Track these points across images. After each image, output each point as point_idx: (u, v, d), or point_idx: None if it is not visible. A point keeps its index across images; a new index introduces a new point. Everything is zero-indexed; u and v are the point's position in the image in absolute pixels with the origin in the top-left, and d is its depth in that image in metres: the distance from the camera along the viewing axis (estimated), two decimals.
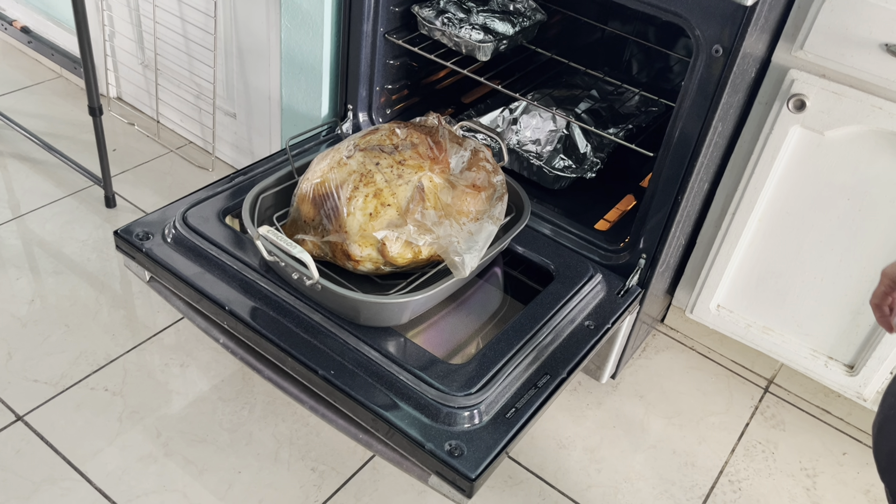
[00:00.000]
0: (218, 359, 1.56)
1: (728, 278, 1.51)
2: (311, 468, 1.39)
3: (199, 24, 1.86)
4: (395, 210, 1.20)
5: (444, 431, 1.08)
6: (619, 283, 1.41)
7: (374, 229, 1.19)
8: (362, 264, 1.22)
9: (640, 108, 1.81)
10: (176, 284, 1.30)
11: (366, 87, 1.66)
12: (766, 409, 1.62)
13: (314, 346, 1.19)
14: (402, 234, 1.19)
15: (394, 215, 1.20)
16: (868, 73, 1.21)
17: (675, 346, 1.74)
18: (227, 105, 1.97)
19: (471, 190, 1.25)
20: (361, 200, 1.20)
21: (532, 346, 1.22)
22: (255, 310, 1.24)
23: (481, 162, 1.30)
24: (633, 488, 1.43)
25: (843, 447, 1.56)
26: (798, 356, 1.49)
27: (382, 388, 1.14)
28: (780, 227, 1.42)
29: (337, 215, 1.20)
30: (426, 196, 1.21)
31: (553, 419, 1.53)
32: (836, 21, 1.20)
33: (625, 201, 1.66)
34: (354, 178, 1.22)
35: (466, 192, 1.25)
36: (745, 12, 1.14)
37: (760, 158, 1.36)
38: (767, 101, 1.34)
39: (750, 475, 1.48)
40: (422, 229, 1.18)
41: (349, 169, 1.23)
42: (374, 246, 1.20)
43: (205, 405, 1.46)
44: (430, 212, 1.20)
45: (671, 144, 1.30)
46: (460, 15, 1.63)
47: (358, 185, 1.21)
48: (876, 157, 1.27)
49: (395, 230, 1.19)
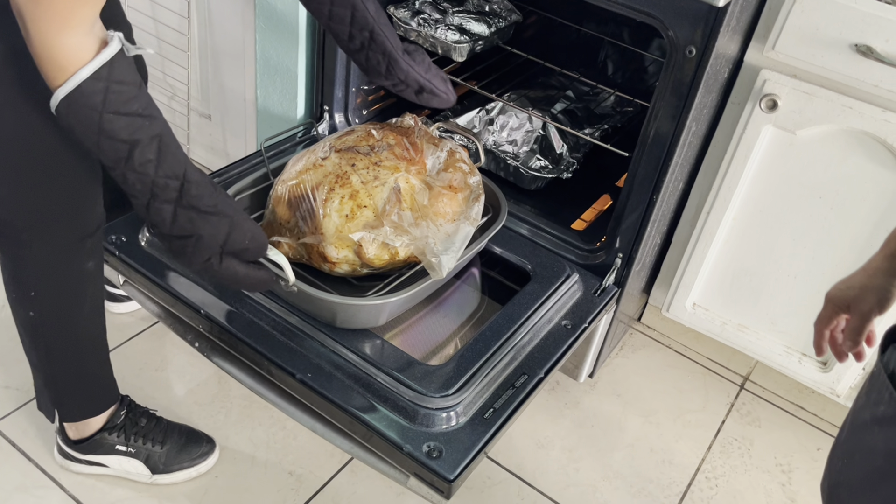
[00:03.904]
0: (193, 363, 1.54)
1: (703, 277, 1.53)
2: (289, 472, 1.38)
3: (173, 24, 1.84)
4: (372, 211, 1.19)
5: (422, 433, 1.08)
6: (596, 282, 1.42)
7: (350, 231, 1.18)
8: (339, 266, 1.22)
9: (615, 108, 1.82)
10: (150, 288, 1.28)
11: (342, 88, 1.66)
12: (742, 405, 1.64)
13: (291, 349, 1.18)
14: (378, 236, 1.18)
15: (370, 217, 1.19)
16: (838, 73, 1.23)
17: (652, 344, 1.75)
18: (201, 107, 1.95)
19: (447, 191, 1.25)
20: (337, 202, 1.19)
21: (509, 346, 1.22)
22: (230, 313, 1.23)
23: (458, 163, 1.30)
24: (612, 487, 1.44)
25: (817, 443, 1.58)
26: (772, 353, 1.51)
27: (360, 391, 1.13)
28: (753, 226, 1.43)
29: (313, 217, 1.20)
30: (403, 197, 1.21)
31: (531, 419, 1.53)
32: (806, 22, 1.22)
33: (601, 201, 1.67)
34: (330, 180, 1.21)
35: (443, 194, 1.24)
36: (716, 13, 1.15)
37: (734, 158, 1.38)
38: (740, 101, 1.36)
39: (726, 472, 1.50)
40: (398, 230, 1.18)
41: (325, 170, 1.22)
42: (351, 248, 1.19)
43: (180, 410, 1.44)
44: (406, 213, 1.20)
45: (646, 144, 1.31)
46: (436, 16, 1.62)
47: (334, 186, 1.20)
48: (847, 156, 1.29)
49: (371, 232, 1.18)
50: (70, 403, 1.24)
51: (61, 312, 1.13)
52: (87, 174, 1.04)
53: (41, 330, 1.14)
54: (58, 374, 1.19)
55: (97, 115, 0.83)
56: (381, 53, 1.18)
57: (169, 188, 0.90)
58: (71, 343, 1.17)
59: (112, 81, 0.83)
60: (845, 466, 0.74)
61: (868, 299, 0.85)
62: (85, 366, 1.21)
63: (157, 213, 0.91)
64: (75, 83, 0.81)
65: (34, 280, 1.08)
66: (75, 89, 0.81)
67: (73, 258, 1.09)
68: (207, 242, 0.93)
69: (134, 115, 0.85)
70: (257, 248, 0.98)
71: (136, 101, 0.85)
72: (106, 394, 1.27)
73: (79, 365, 1.20)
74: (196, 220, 0.92)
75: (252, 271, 1.00)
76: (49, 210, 1.03)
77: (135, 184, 0.89)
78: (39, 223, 1.04)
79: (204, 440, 1.35)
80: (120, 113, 0.84)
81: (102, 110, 0.83)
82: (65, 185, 1.03)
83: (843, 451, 0.75)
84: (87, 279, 1.13)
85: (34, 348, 1.16)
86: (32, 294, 1.09)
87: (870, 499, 0.69)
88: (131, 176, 0.88)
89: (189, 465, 1.32)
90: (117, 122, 0.84)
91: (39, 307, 1.11)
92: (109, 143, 0.85)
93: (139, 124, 0.86)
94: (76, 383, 1.21)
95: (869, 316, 0.85)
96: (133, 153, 0.86)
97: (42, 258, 1.06)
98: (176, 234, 0.93)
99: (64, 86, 0.81)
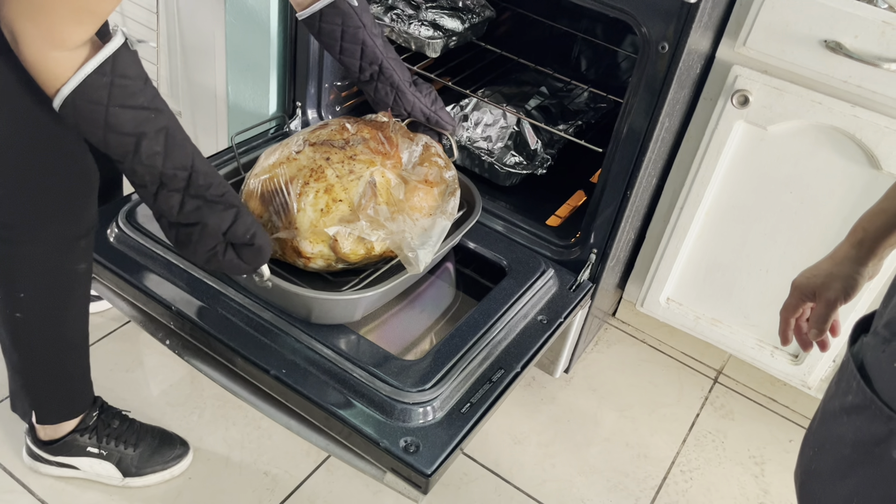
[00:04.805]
0: (166, 363, 1.52)
1: (677, 272, 1.54)
2: (264, 472, 1.36)
3: (141, 19, 1.81)
4: (347, 206, 1.18)
5: (398, 428, 1.07)
6: (571, 278, 1.42)
7: (325, 225, 1.17)
8: (314, 261, 1.20)
9: (589, 104, 1.83)
10: (119, 285, 1.26)
11: (314, 83, 1.64)
12: (716, 399, 1.66)
13: (264, 345, 1.17)
14: (354, 230, 1.17)
15: (345, 211, 1.18)
16: (808, 69, 1.24)
17: (627, 339, 1.76)
18: (171, 103, 1.93)
19: (423, 185, 1.25)
20: (312, 196, 1.18)
21: (486, 341, 1.22)
22: (202, 309, 1.21)
23: (433, 157, 1.29)
24: (588, 481, 1.44)
25: (789, 434, 1.60)
26: (745, 347, 1.53)
27: (335, 386, 1.12)
28: (726, 221, 1.45)
29: (287, 211, 1.18)
30: (378, 191, 1.20)
31: (508, 415, 1.53)
32: (777, 18, 1.23)
33: (575, 197, 1.68)
34: (304, 174, 1.19)
35: (419, 188, 1.24)
36: (688, 9, 1.16)
37: (706, 153, 1.39)
38: (712, 96, 1.37)
39: (701, 465, 1.51)
40: (374, 225, 1.17)
41: (299, 164, 1.21)
42: (326, 242, 1.18)
43: (152, 411, 1.42)
44: (382, 207, 1.19)
45: (619, 140, 1.31)
46: (409, 11, 1.62)
47: (308, 180, 1.19)
48: (816, 151, 1.31)
49: (347, 226, 1.17)
50: (48, 406, 1.22)
51: (49, 314, 1.11)
52: (83, 173, 1.03)
53: (26, 331, 1.11)
54: (38, 377, 1.17)
55: (103, 109, 0.83)
56: (390, 85, 1.28)
57: (177, 178, 0.91)
58: (55, 345, 1.15)
59: (116, 75, 0.82)
60: (816, 455, 0.74)
61: (834, 287, 0.85)
62: (66, 368, 1.19)
63: (164, 202, 0.93)
64: (79, 79, 0.80)
65: (25, 281, 1.06)
66: (80, 85, 0.80)
67: (66, 259, 1.08)
68: (212, 231, 0.95)
69: (139, 109, 0.85)
70: (260, 246, 1.02)
71: (142, 94, 0.86)
72: (84, 397, 1.25)
73: (60, 367, 1.18)
74: (203, 208, 0.94)
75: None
76: (45, 210, 1.02)
77: (143, 175, 0.90)
78: (34, 223, 1.02)
79: (177, 442, 1.33)
80: (126, 106, 0.84)
81: (108, 104, 0.83)
82: (61, 185, 1.01)
83: (814, 440, 0.76)
84: (77, 281, 1.11)
85: (16, 349, 1.14)
86: (21, 295, 1.07)
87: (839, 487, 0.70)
88: (140, 168, 0.89)
89: (162, 468, 1.30)
90: (123, 116, 0.84)
91: (27, 308, 1.09)
92: (116, 137, 0.85)
93: (145, 117, 0.86)
94: (56, 386, 1.19)
95: (834, 304, 0.86)
96: (140, 146, 0.87)
97: (35, 259, 1.05)
98: (183, 221, 0.95)
99: (68, 83, 0.80)
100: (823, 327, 0.87)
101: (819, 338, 0.89)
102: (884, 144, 1.24)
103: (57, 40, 0.78)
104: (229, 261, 1.00)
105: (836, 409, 0.70)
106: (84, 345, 1.20)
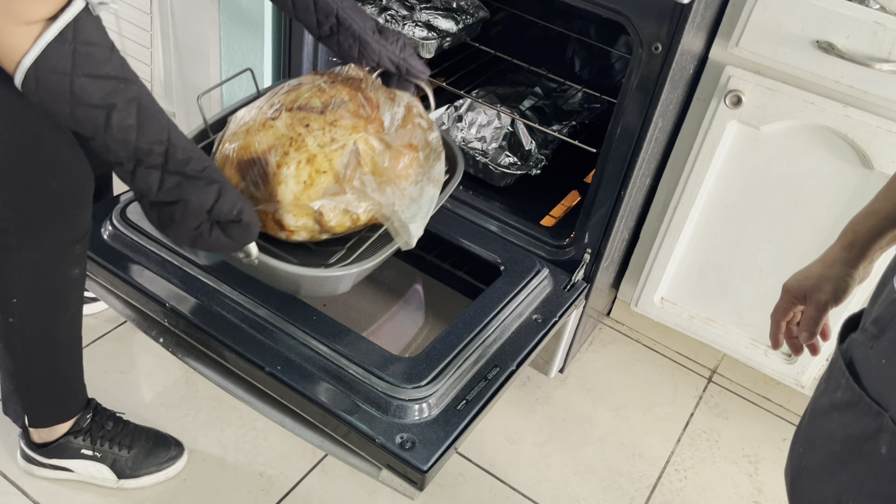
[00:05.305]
0: (160, 364, 1.51)
1: (671, 271, 1.54)
2: (259, 473, 1.36)
3: (135, 20, 1.81)
4: (332, 177, 1.11)
5: (394, 424, 1.07)
6: (566, 278, 1.43)
7: (309, 199, 1.10)
8: (297, 234, 1.13)
9: (582, 104, 1.84)
10: (113, 282, 1.26)
11: None
12: (710, 398, 1.66)
13: (259, 342, 1.16)
14: (340, 203, 1.10)
15: (330, 182, 1.11)
16: (800, 70, 1.25)
17: (621, 339, 1.77)
18: (165, 104, 1.92)
19: (408, 150, 1.16)
20: (294, 167, 1.10)
21: (481, 339, 1.22)
22: (196, 306, 1.21)
23: (416, 118, 1.21)
24: (583, 481, 1.44)
25: (783, 433, 1.61)
26: (739, 346, 1.53)
27: (331, 383, 1.12)
28: (719, 221, 1.45)
29: (266, 183, 1.10)
30: (363, 160, 1.13)
31: (503, 414, 1.54)
32: (769, 19, 1.24)
33: (569, 197, 1.68)
34: (284, 143, 1.10)
35: (403, 153, 1.16)
36: (681, 10, 1.17)
37: (700, 153, 1.39)
38: (705, 97, 1.38)
39: (695, 464, 1.51)
40: (361, 197, 1.10)
41: (277, 132, 1.12)
42: (311, 215, 1.11)
43: (147, 412, 1.42)
44: (369, 178, 1.11)
45: (613, 140, 1.32)
46: (403, 12, 1.62)
47: (288, 150, 1.10)
48: (809, 151, 1.32)
49: (332, 199, 1.10)
50: (41, 409, 1.21)
51: (43, 319, 1.10)
52: (78, 179, 1.02)
53: (19, 336, 1.11)
54: (31, 380, 1.16)
55: (67, 80, 0.78)
56: (352, 37, 1.17)
57: (153, 153, 0.86)
58: (49, 349, 1.14)
59: (79, 42, 0.77)
60: (806, 452, 0.74)
61: (825, 289, 0.85)
62: (60, 372, 1.18)
63: (142, 180, 0.88)
64: (40, 48, 0.75)
65: (20, 286, 1.05)
66: (40, 55, 0.76)
67: (61, 264, 1.07)
68: (195, 208, 0.90)
69: (107, 78, 0.80)
70: (248, 222, 0.96)
71: (109, 63, 0.80)
72: (78, 400, 1.25)
73: (54, 371, 1.17)
74: (184, 184, 0.89)
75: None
76: (40, 215, 1.01)
77: (118, 151, 0.85)
78: (30, 228, 1.01)
79: (172, 444, 1.33)
80: (92, 76, 0.79)
81: (72, 74, 0.78)
82: (56, 190, 1.00)
83: (804, 437, 0.75)
84: (71, 285, 1.10)
85: (9, 354, 1.13)
86: (15, 301, 1.06)
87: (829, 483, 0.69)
88: (113, 144, 0.84)
89: (156, 470, 1.30)
90: (90, 87, 0.79)
91: (20, 313, 1.08)
92: (84, 110, 0.80)
93: (113, 87, 0.81)
94: (49, 389, 1.19)
95: (825, 307, 0.85)
96: (111, 119, 0.82)
97: (30, 264, 1.04)
98: (163, 199, 0.90)
99: (28, 54, 0.75)
100: (814, 330, 0.86)
101: (809, 341, 0.88)
102: (875, 144, 1.25)
103: (14, 14, 0.73)
104: (216, 240, 0.94)
105: (826, 406, 0.70)
106: (77, 348, 1.20)
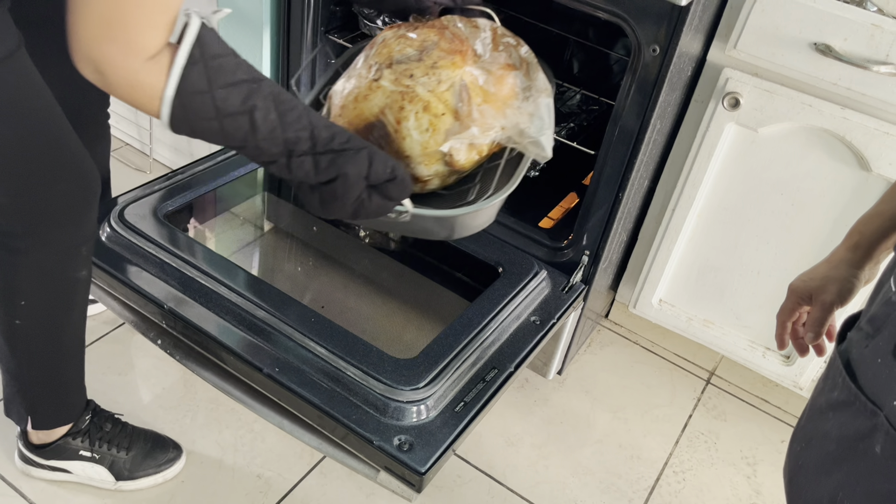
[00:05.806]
0: (158, 366, 1.51)
1: (669, 273, 1.55)
2: (257, 475, 1.36)
3: None
4: (450, 117, 1.09)
5: (392, 426, 1.07)
6: (564, 279, 1.43)
7: (437, 144, 1.08)
8: (430, 183, 1.13)
9: (580, 106, 1.84)
10: (112, 284, 1.26)
11: (307, 87, 1.65)
12: (708, 400, 1.66)
13: (257, 344, 1.16)
14: (466, 139, 1.09)
15: (450, 122, 1.10)
16: (798, 72, 1.26)
17: (620, 340, 1.77)
18: None
19: (508, 70, 1.15)
20: (413, 119, 1.09)
21: (479, 341, 1.22)
22: (194, 308, 1.21)
23: (503, 38, 1.19)
24: (581, 483, 1.44)
25: (781, 435, 1.61)
26: (737, 348, 1.53)
27: (328, 384, 1.12)
28: (718, 223, 1.46)
29: (390, 142, 1.10)
30: (472, 92, 1.11)
31: (501, 416, 1.54)
32: (767, 21, 1.24)
33: (568, 199, 1.68)
34: (396, 99, 1.09)
35: (505, 75, 1.14)
36: (679, 12, 1.17)
37: (698, 155, 1.40)
38: (703, 99, 1.38)
39: (693, 465, 1.52)
40: (485, 127, 1.09)
41: (385, 91, 1.10)
42: (441, 160, 1.10)
43: (145, 414, 1.42)
44: (485, 107, 1.10)
45: (611, 142, 1.32)
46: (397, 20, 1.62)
47: (403, 104, 1.09)
48: (806, 153, 1.32)
49: (458, 138, 1.09)
50: (44, 411, 1.21)
51: (49, 321, 1.11)
52: (85, 181, 1.02)
53: (25, 338, 1.11)
54: (35, 382, 1.17)
55: (209, 97, 0.80)
56: None
57: (301, 140, 0.88)
58: (53, 351, 1.14)
59: (208, 58, 0.80)
60: (803, 451, 0.74)
61: (830, 290, 0.86)
62: (63, 375, 1.18)
63: (299, 168, 0.89)
64: (177, 75, 0.78)
65: (27, 289, 1.05)
66: (180, 80, 0.78)
67: (68, 266, 1.07)
68: (353, 179, 0.91)
69: (241, 83, 0.83)
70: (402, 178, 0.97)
71: (238, 68, 0.83)
72: (78, 403, 1.25)
73: (57, 374, 1.17)
74: (337, 159, 0.90)
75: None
76: (47, 218, 1.01)
77: (269, 149, 0.87)
78: (37, 231, 1.01)
79: (170, 446, 1.33)
80: (228, 85, 0.81)
81: (212, 90, 0.80)
82: (63, 193, 1.00)
83: (801, 436, 0.76)
84: (77, 288, 1.10)
85: (13, 356, 1.13)
86: (22, 303, 1.06)
87: (825, 482, 0.70)
88: (264, 144, 0.86)
89: (155, 472, 1.30)
90: (230, 96, 0.81)
91: (27, 316, 1.08)
92: (230, 120, 0.83)
93: (248, 89, 0.83)
94: (53, 391, 1.19)
95: (831, 307, 0.86)
96: (255, 121, 0.84)
97: (38, 266, 1.04)
98: (323, 180, 0.91)
99: (168, 84, 0.78)
100: (819, 331, 0.87)
101: (815, 342, 0.88)
102: (873, 146, 1.25)
103: (139, 50, 0.76)
104: (377, 204, 0.95)
105: (823, 406, 0.71)
106: (81, 351, 1.20)
